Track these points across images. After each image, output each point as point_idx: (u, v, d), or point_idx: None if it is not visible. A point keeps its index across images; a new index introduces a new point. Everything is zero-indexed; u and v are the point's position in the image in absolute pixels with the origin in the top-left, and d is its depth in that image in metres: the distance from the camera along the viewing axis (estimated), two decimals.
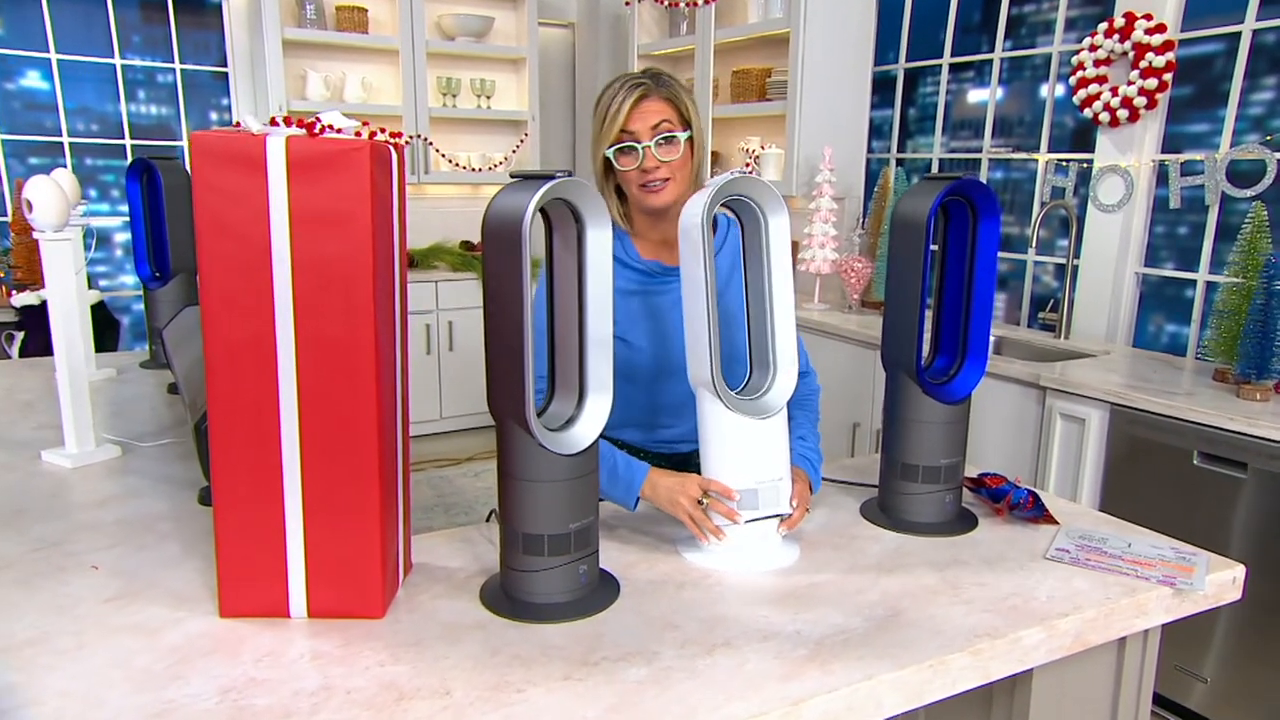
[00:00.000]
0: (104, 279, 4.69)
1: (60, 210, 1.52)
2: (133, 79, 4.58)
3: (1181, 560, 1.33)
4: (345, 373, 1.05)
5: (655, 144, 1.43)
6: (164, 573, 1.20)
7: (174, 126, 4.75)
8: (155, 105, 4.72)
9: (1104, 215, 3.03)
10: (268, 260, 1.02)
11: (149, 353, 2.50)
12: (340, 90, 4.63)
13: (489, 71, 5.04)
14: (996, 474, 1.51)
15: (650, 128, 1.43)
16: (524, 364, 1.06)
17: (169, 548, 1.28)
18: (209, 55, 4.73)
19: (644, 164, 1.43)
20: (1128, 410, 2.32)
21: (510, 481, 1.12)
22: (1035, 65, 3.42)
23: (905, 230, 1.33)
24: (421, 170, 4.78)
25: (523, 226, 1.03)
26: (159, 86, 4.69)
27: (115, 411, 1.99)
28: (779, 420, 1.27)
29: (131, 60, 4.54)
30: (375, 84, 4.76)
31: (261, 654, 1.01)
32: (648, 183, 1.45)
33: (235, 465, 1.06)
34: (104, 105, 4.54)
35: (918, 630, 1.10)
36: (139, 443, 1.74)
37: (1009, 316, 3.57)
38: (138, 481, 1.54)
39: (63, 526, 1.35)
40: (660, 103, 1.43)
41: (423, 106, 4.72)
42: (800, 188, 3.72)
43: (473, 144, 5.07)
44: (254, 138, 1.00)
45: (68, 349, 1.57)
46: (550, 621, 1.11)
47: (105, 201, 4.66)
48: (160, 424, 1.90)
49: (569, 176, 1.08)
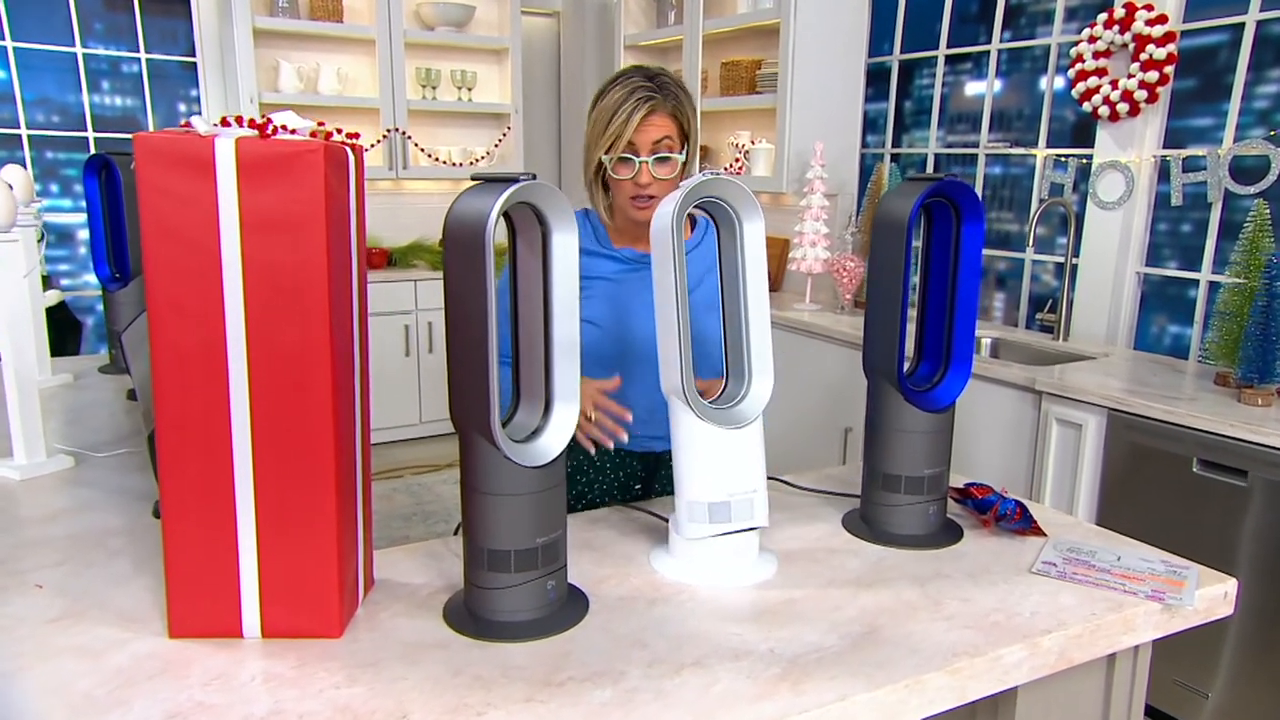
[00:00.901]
0: (66, 278, 4.67)
1: (7, 211, 1.52)
2: (95, 69, 4.57)
3: (1172, 574, 1.34)
4: (299, 383, 1.06)
5: (653, 161, 1.51)
6: (112, 591, 1.20)
7: (140, 119, 4.74)
8: (120, 96, 4.70)
9: (1104, 213, 3.05)
10: (217, 266, 1.02)
11: (108, 357, 2.49)
12: (314, 82, 4.63)
13: (470, 62, 5.04)
14: (983, 484, 1.52)
15: (651, 143, 1.50)
16: (488, 374, 1.07)
17: (119, 564, 1.28)
18: (176, 44, 4.71)
19: (638, 178, 1.52)
20: (1125, 416, 2.33)
21: (474, 495, 1.13)
22: (1035, 57, 3.44)
23: (886, 232, 1.34)
24: (400, 165, 4.78)
25: (485, 232, 1.03)
26: (124, 77, 4.67)
27: (70, 419, 1.98)
28: (753, 431, 1.28)
29: (94, 49, 4.53)
30: (351, 75, 4.75)
31: (211, 676, 1.01)
32: (638, 196, 1.53)
33: (185, 479, 1.06)
34: (65, 96, 4.52)
35: (894, 648, 1.11)
36: (93, 453, 1.74)
37: (1007, 317, 3.59)
38: (90, 494, 1.54)
39: (7, 543, 1.34)
40: (665, 118, 1.51)
41: (401, 99, 4.71)
42: (791, 184, 3.74)
43: (453, 138, 5.07)
44: (202, 139, 1.00)
45: (16, 355, 1.57)
46: (515, 640, 1.11)
47: (67, 197, 4.64)
48: (117, 432, 1.89)
49: (533, 179, 1.08)
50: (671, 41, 4.40)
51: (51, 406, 2.06)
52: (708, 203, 1.29)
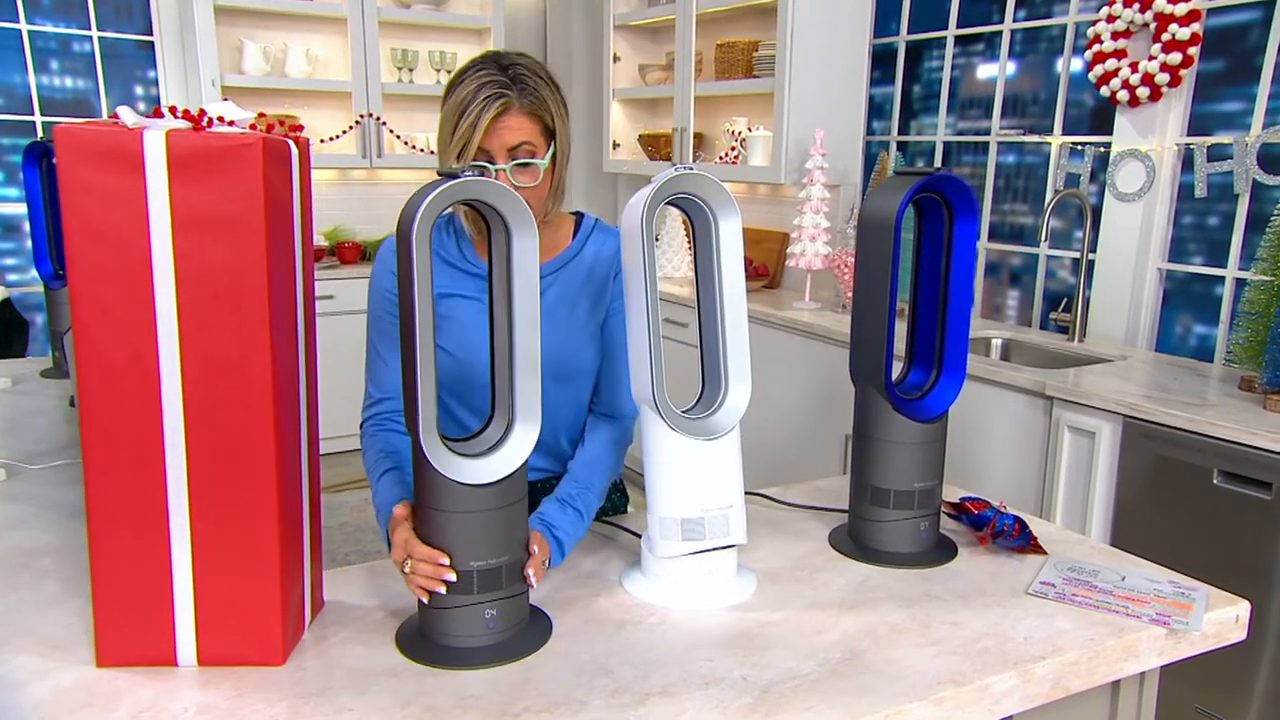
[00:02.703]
0: (13, 273, 4.67)
1: None
2: (43, 47, 4.56)
3: (1180, 596, 1.34)
4: (238, 395, 1.06)
5: (511, 168, 1.38)
6: (37, 616, 1.20)
7: (93, 102, 4.74)
8: (71, 78, 4.70)
9: (1123, 205, 3.05)
10: (148, 270, 1.02)
11: (51, 360, 2.49)
12: (281, 64, 4.63)
13: (449, 43, 5.04)
14: (980, 498, 1.52)
15: (507, 149, 1.38)
16: (415, 380, 1.07)
17: (47, 587, 1.28)
18: (132, 22, 4.71)
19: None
20: (1141, 423, 2.34)
21: (423, 511, 1.13)
22: (1051, 37, 3.44)
23: (872, 231, 1.34)
24: (374, 153, 4.79)
25: (413, 230, 1.05)
26: (75, 56, 4.67)
27: (6, 428, 1.98)
28: (729, 442, 1.28)
29: (41, 26, 4.52)
30: (321, 57, 4.76)
31: (140, 709, 1.02)
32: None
33: (114, 496, 1.06)
34: (10, 76, 4.52)
35: (876, 675, 1.11)
36: (27, 464, 1.74)
37: (1020, 317, 3.60)
38: (21, 509, 1.54)
39: None
40: (522, 117, 1.38)
41: (375, 82, 4.72)
42: (790, 174, 3.74)
43: (431, 123, 5.06)
44: (129, 132, 1.00)
45: None
46: (470, 667, 1.12)
47: (13, 185, 4.63)
48: (56, 442, 1.90)
49: (478, 177, 1.08)
50: (663, 21, 4.40)
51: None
52: (681, 199, 1.29)
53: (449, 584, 1.13)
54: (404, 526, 1.19)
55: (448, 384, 1.47)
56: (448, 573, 1.13)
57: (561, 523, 1.35)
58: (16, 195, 4.63)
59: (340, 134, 4.74)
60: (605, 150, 4.78)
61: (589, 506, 1.41)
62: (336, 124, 4.77)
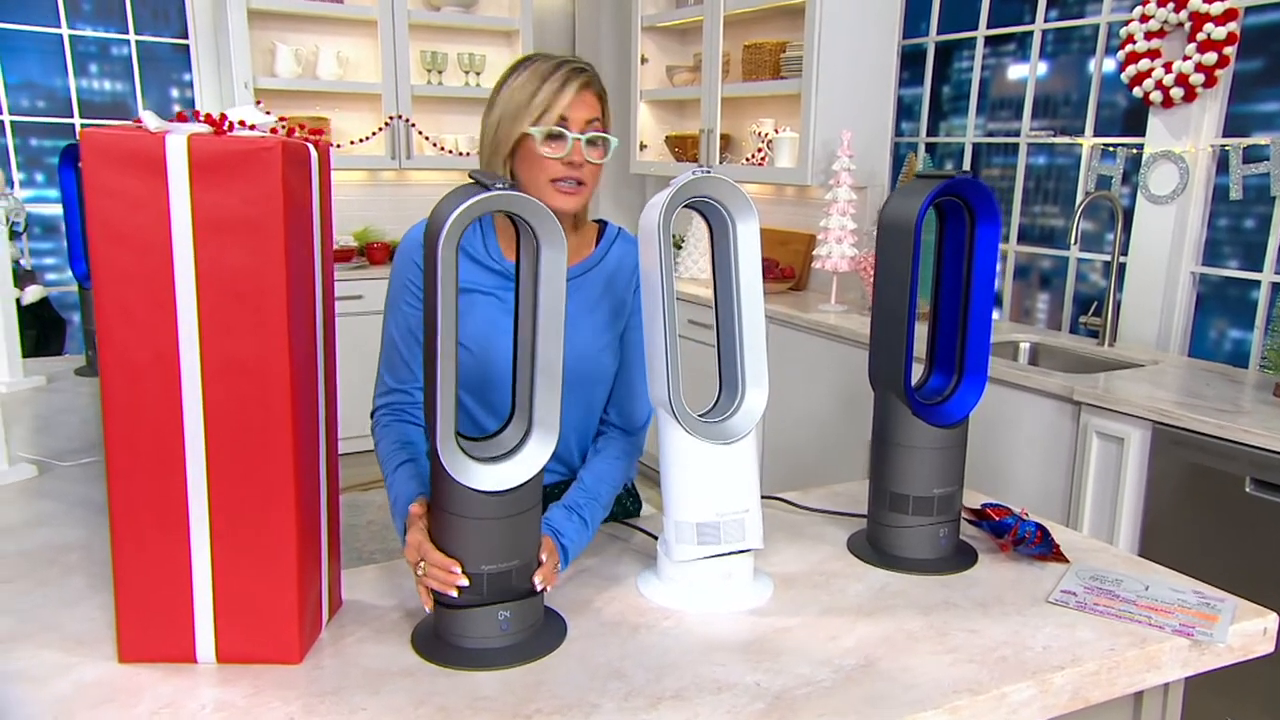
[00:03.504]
0: (52, 273, 4.75)
1: None
2: (83, 51, 4.65)
3: (1204, 607, 1.32)
4: (257, 396, 1.07)
5: (586, 140, 1.42)
6: (63, 612, 1.22)
7: (130, 104, 4.81)
8: (109, 80, 4.78)
9: (1155, 207, 3.01)
10: (169, 272, 1.04)
11: (85, 358, 2.54)
12: (313, 66, 4.68)
13: (478, 45, 5.07)
14: (1001, 505, 1.50)
15: (585, 121, 1.43)
16: (435, 388, 1.08)
17: (73, 582, 1.31)
18: (168, 25, 4.79)
19: (570, 157, 1.42)
20: (1172, 430, 2.30)
21: (437, 512, 1.14)
22: (1084, 37, 3.40)
23: (892, 235, 1.33)
24: (403, 155, 4.82)
25: (440, 241, 1.05)
26: (113, 60, 4.75)
27: (40, 426, 2.02)
28: (745, 446, 1.28)
29: (81, 30, 4.60)
30: (352, 59, 4.80)
31: (159, 705, 1.03)
32: (566, 178, 1.42)
33: (135, 495, 1.08)
34: (51, 80, 4.60)
35: (890, 683, 1.10)
36: (59, 461, 1.77)
37: (1050, 320, 3.55)
38: (51, 506, 1.57)
39: None
40: (595, 99, 1.45)
41: (404, 84, 4.76)
42: (817, 175, 3.72)
43: (460, 125, 5.11)
44: (152, 136, 1.01)
45: None
46: (484, 668, 1.12)
47: (53, 187, 4.72)
48: (88, 440, 1.93)
49: (508, 189, 1.08)
50: (691, 23, 4.40)
51: (21, 411, 2.11)
52: (697, 203, 1.29)
53: (460, 588, 1.14)
54: (418, 526, 1.20)
55: (464, 380, 1.47)
56: (460, 579, 1.13)
57: (567, 530, 1.36)
58: (56, 196, 4.72)
59: (369, 135, 4.78)
60: (632, 152, 4.78)
61: (594, 517, 1.41)
62: (366, 126, 4.82)
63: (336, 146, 4.76)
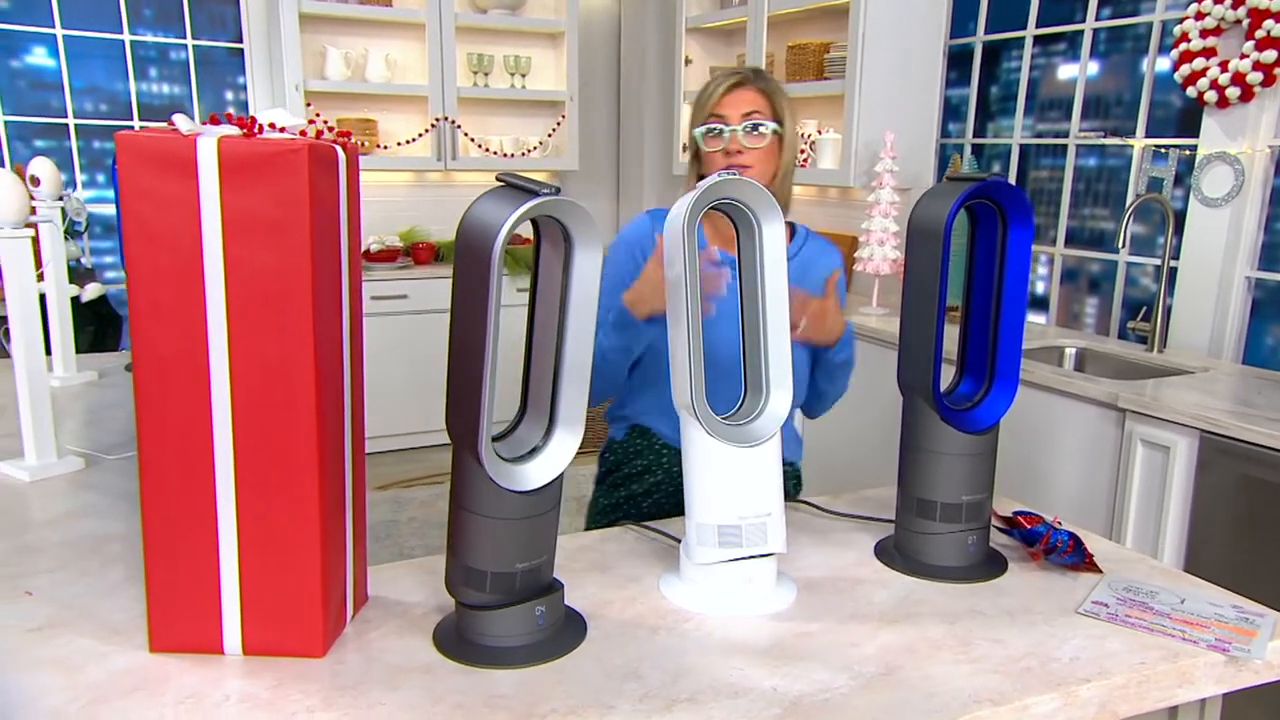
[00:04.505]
0: (112, 270, 4.89)
1: (18, 206, 1.60)
2: (143, 56, 4.77)
3: (1243, 621, 1.28)
4: (283, 394, 1.09)
5: (743, 130, 1.63)
6: (101, 601, 1.26)
7: (187, 106, 4.93)
8: (167, 84, 4.91)
9: (1209, 210, 2.93)
10: (199, 271, 1.06)
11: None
12: (362, 69, 4.75)
13: (524, 47, 5.11)
14: (1033, 513, 1.48)
15: (741, 114, 1.64)
16: (481, 393, 1.08)
17: (112, 573, 1.34)
18: (225, 30, 4.89)
19: (728, 146, 1.64)
20: (1220, 439, 2.24)
21: (459, 510, 1.15)
22: (1137, 35, 3.32)
23: (921, 238, 1.32)
24: (449, 156, 4.87)
25: (494, 246, 1.05)
26: (171, 64, 4.87)
27: (90, 419, 2.08)
28: (768, 450, 1.27)
29: (142, 35, 4.73)
30: (400, 62, 4.87)
31: (185, 695, 1.05)
32: (729, 167, 1.60)
33: (166, 488, 1.10)
34: (113, 84, 4.74)
35: (910, 691, 1.09)
36: (105, 455, 1.82)
37: (1099, 326, 3.48)
38: (96, 498, 1.62)
39: (5, 547, 1.42)
40: (754, 93, 1.65)
41: (451, 86, 4.80)
42: (859, 177, 3.69)
43: (505, 127, 5.15)
44: (184, 138, 1.04)
45: (26, 354, 1.65)
46: (503, 667, 1.13)
47: (114, 187, 4.85)
48: (133, 434, 1.97)
49: (555, 193, 1.08)
50: (736, 24, 4.38)
51: (72, 406, 2.17)
52: (725, 204, 1.28)
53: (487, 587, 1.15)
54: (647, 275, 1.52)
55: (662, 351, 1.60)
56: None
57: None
58: (114, 197, 4.86)
59: (416, 137, 4.84)
60: (674, 153, 4.78)
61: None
62: (413, 127, 4.87)
63: (383, 148, 4.83)
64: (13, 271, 1.64)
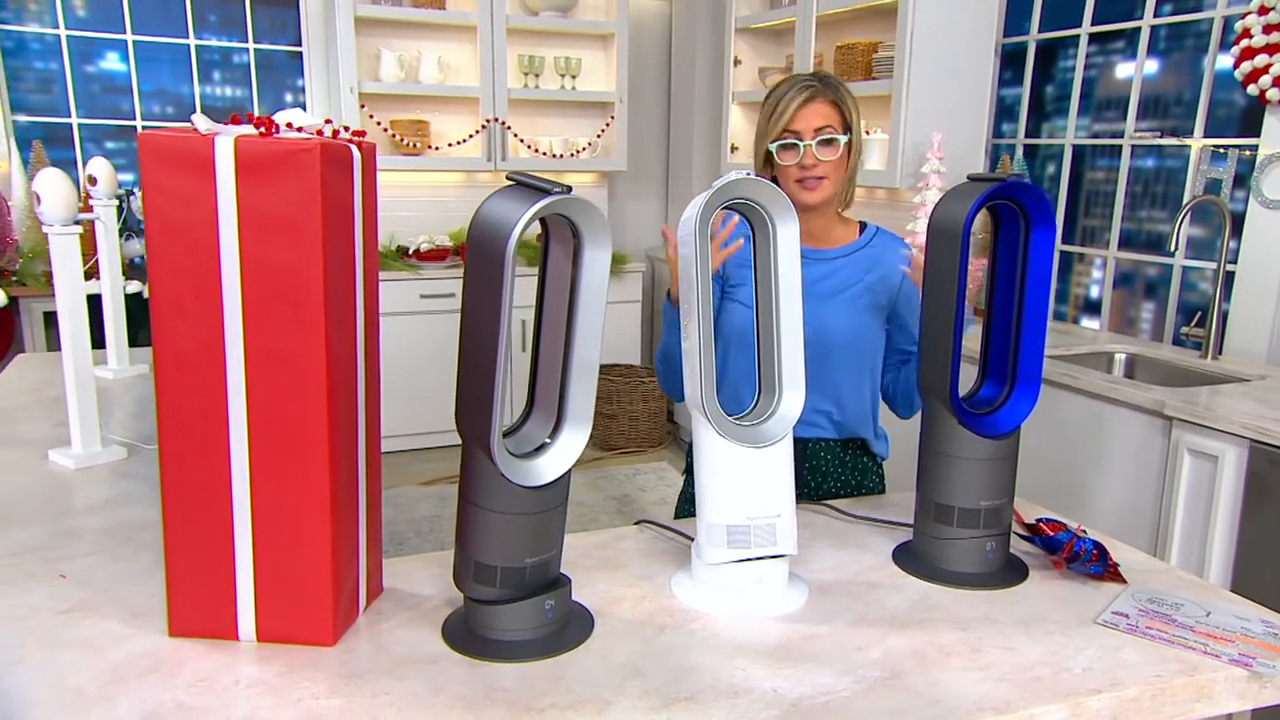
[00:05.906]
0: None
1: (67, 204, 1.66)
2: (207, 60, 4.91)
3: (1270, 637, 1.24)
4: (295, 388, 1.12)
5: (816, 144, 1.68)
6: (128, 586, 1.30)
7: (247, 108, 5.06)
8: (230, 87, 5.05)
9: (1270, 212, 2.83)
10: (216, 267, 1.09)
11: None
12: (415, 71, 4.83)
13: (575, 49, 5.14)
14: (1056, 520, 1.44)
15: (814, 128, 1.68)
16: (493, 390, 1.10)
17: (142, 559, 1.39)
18: (285, 34, 5.02)
19: (803, 161, 1.69)
20: (1271, 449, 2.16)
21: (467, 505, 1.16)
22: (1199, 32, 3.22)
23: (940, 239, 1.30)
24: (499, 156, 4.93)
25: (507, 246, 1.06)
26: (233, 67, 5.01)
27: (137, 411, 2.15)
28: (780, 450, 1.26)
29: (206, 40, 4.87)
30: (452, 64, 4.93)
31: (198, 678, 1.09)
32: (804, 179, 1.70)
33: (185, 478, 1.14)
34: (179, 87, 4.89)
35: (914, 697, 1.07)
36: (146, 445, 1.88)
37: (1154, 332, 3.38)
38: (135, 487, 1.67)
39: (48, 531, 1.48)
40: (826, 105, 1.69)
41: (501, 88, 4.86)
42: (906, 178, 3.64)
43: (555, 128, 5.18)
44: (203, 138, 1.07)
45: (74, 346, 1.72)
46: (506, 660, 1.14)
47: None
48: None
49: (566, 192, 1.09)
50: (785, 24, 4.35)
51: (122, 397, 2.24)
52: (740, 204, 1.28)
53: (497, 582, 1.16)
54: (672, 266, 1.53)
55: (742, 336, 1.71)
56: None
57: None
58: None
59: (467, 138, 4.90)
60: (723, 153, 4.76)
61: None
62: (464, 128, 4.94)
63: (435, 149, 4.90)
64: (62, 267, 1.71)
